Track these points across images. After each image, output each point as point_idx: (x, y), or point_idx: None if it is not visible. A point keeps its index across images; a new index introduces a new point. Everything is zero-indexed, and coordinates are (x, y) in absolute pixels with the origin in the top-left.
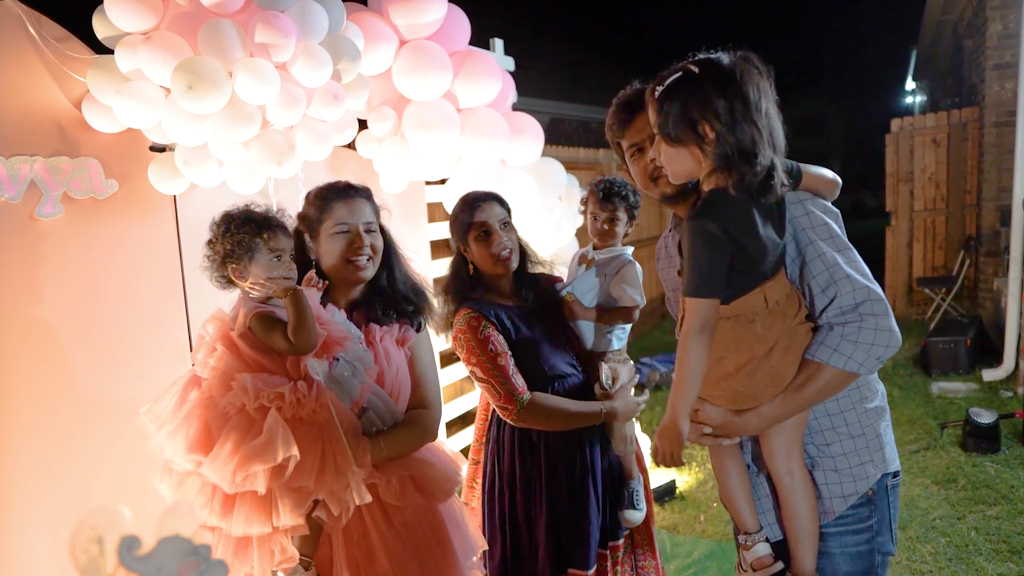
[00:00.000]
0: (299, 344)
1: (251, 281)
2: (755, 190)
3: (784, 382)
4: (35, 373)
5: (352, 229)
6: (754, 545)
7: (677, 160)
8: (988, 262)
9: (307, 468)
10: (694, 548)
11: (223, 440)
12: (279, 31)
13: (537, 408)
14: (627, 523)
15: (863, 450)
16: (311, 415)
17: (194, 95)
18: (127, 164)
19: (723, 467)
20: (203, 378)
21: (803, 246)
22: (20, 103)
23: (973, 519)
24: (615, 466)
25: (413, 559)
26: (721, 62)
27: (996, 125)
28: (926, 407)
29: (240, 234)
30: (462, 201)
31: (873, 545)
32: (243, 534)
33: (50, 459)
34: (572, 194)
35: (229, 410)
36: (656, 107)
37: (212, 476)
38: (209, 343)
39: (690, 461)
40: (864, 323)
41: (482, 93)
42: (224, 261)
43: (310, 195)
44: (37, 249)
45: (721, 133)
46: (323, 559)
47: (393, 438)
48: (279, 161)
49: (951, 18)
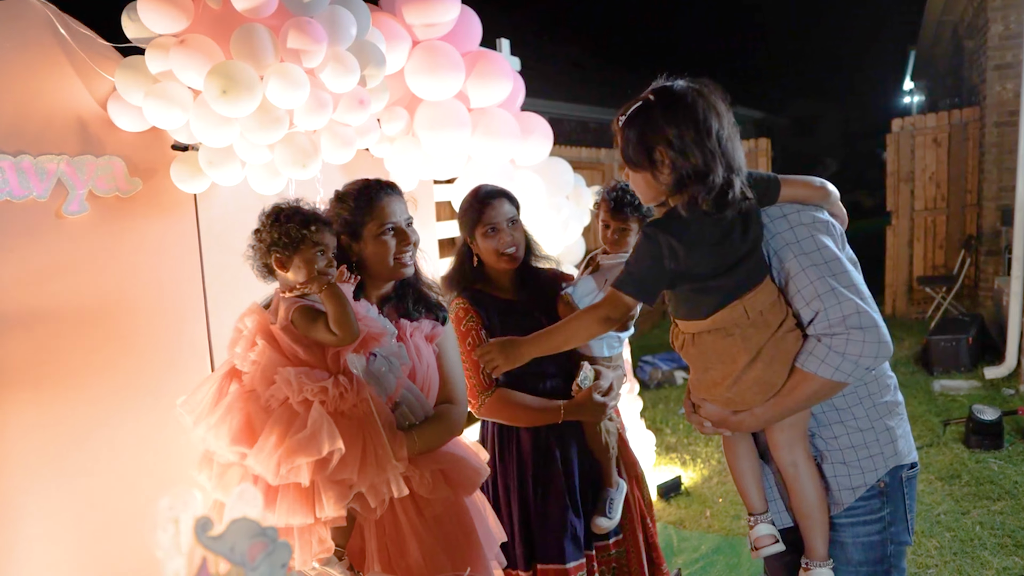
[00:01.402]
0: (343, 335)
1: (292, 272)
2: (711, 208)
3: (772, 389)
4: (63, 366)
5: (397, 227)
6: (756, 525)
7: (641, 184)
8: (988, 261)
9: (350, 461)
10: (701, 543)
11: (267, 433)
12: (310, 37)
13: (499, 403)
14: (596, 529)
15: (872, 443)
16: (352, 409)
17: (228, 99)
18: (150, 163)
19: (732, 450)
20: (242, 371)
21: (786, 261)
22: (48, 102)
23: (977, 514)
24: (596, 471)
25: (442, 550)
26: (673, 90)
27: (997, 125)
28: (928, 405)
29: (288, 225)
30: (472, 195)
31: (886, 536)
32: (285, 525)
33: (77, 452)
34: (579, 193)
35: (272, 403)
36: (620, 135)
37: (257, 468)
38: (248, 337)
39: (695, 458)
40: (851, 336)
41: (493, 93)
42: (269, 249)
43: (345, 197)
44: (64, 246)
45: (673, 158)
46: (353, 549)
47: (425, 432)
48: (304, 164)
49: (951, 19)
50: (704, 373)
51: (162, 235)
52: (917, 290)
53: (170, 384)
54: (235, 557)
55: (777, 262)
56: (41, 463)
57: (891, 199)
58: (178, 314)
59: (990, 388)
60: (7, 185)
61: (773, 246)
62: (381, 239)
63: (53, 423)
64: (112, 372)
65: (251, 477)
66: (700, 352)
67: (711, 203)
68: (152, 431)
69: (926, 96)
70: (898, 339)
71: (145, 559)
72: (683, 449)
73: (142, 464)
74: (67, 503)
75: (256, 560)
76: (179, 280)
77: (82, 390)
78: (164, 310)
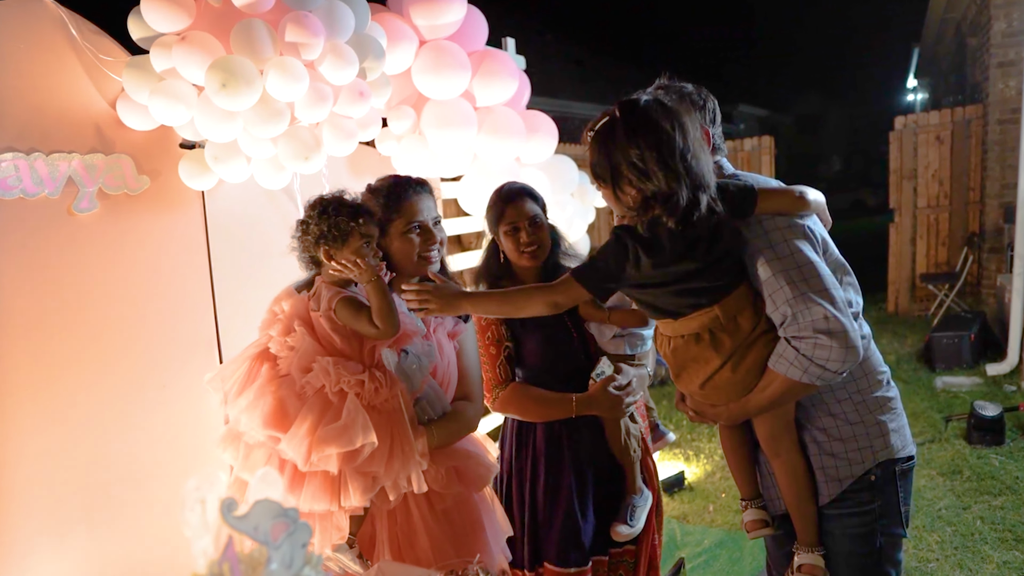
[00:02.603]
0: (385, 329)
1: (342, 263)
2: (675, 226)
3: (745, 390)
4: (74, 360)
5: (423, 225)
6: (745, 510)
7: (609, 198)
8: (991, 258)
9: (378, 454)
10: (704, 537)
11: (301, 419)
12: (308, 30)
13: (513, 397)
14: (616, 536)
15: (861, 436)
16: (383, 404)
17: (227, 93)
18: (158, 161)
19: (726, 439)
20: (274, 353)
21: (760, 265)
22: (59, 102)
23: (978, 509)
24: (618, 476)
25: (450, 542)
26: (637, 108)
27: (1000, 122)
28: (930, 401)
29: (337, 217)
30: (496, 193)
31: (876, 528)
32: (308, 510)
33: (86, 442)
34: (584, 191)
35: (307, 390)
36: (589, 149)
37: (288, 452)
38: (285, 321)
39: (699, 453)
40: (819, 340)
41: (499, 92)
42: (318, 241)
43: (376, 192)
44: (75, 243)
45: (636, 178)
46: (363, 536)
47: (443, 428)
48: (306, 156)
49: (954, 16)
50: (680, 372)
51: (170, 231)
52: (920, 287)
53: (179, 377)
54: (259, 536)
55: (752, 266)
56: (51, 453)
57: (894, 196)
58: (186, 308)
59: (992, 385)
60: (20, 183)
61: (748, 250)
62: (407, 236)
63: (63, 415)
64: (122, 365)
65: (277, 459)
66: (675, 355)
67: (676, 221)
68: (160, 423)
69: (929, 94)
70: (900, 336)
71: (154, 548)
72: (687, 445)
73: (150, 456)
74: (77, 493)
75: (279, 539)
76: (187, 275)
77: (92, 383)
78: (172, 305)
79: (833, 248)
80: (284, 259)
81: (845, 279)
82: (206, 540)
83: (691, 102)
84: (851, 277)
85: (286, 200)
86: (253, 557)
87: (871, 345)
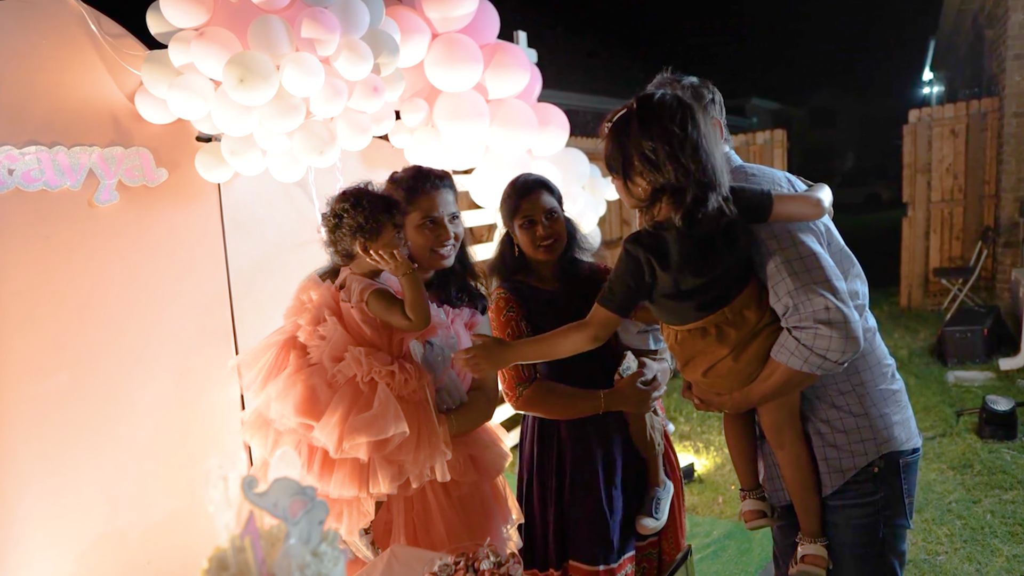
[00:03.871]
0: (417, 320)
1: (379, 254)
2: (681, 224)
3: (747, 379)
4: (93, 347)
5: (438, 220)
6: (744, 500)
7: (620, 190)
8: (1006, 252)
9: (407, 444)
10: (713, 528)
11: (333, 408)
12: (324, 26)
13: (538, 395)
14: (641, 529)
15: (864, 428)
16: (411, 394)
17: (245, 88)
18: (175, 154)
19: (730, 429)
20: (303, 342)
21: (764, 256)
22: (81, 96)
23: (989, 503)
24: (641, 469)
25: (463, 527)
26: (654, 102)
27: (1016, 115)
28: (942, 395)
29: (371, 209)
30: (511, 185)
31: (879, 519)
32: (336, 496)
33: (104, 426)
34: (595, 184)
35: (338, 378)
36: (605, 140)
37: (320, 440)
38: (314, 311)
39: (708, 446)
40: (819, 331)
41: (511, 85)
42: (355, 234)
43: (398, 182)
44: (96, 234)
45: (648, 170)
46: (379, 522)
47: (461, 418)
48: (321, 150)
49: (971, 8)
50: (686, 365)
51: (187, 222)
52: (933, 282)
53: (196, 366)
54: (278, 512)
55: (757, 257)
56: (70, 435)
57: (907, 190)
58: (203, 298)
59: (1005, 379)
60: (43, 175)
61: (754, 246)
62: (421, 230)
63: (82, 399)
64: (140, 353)
65: (306, 445)
66: (681, 347)
67: (682, 219)
68: (177, 410)
69: (945, 86)
70: (913, 331)
71: (167, 531)
72: (696, 437)
73: (166, 441)
74: (94, 475)
75: (297, 516)
76: (204, 265)
77: (111, 370)
78: (189, 294)
79: (837, 238)
80: (298, 250)
81: (851, 269)
82: (228, 515)
83: (698, 96)
84: (856, 267)
85: (300, 193)
86: (273, 533)
87: (876, 338)
